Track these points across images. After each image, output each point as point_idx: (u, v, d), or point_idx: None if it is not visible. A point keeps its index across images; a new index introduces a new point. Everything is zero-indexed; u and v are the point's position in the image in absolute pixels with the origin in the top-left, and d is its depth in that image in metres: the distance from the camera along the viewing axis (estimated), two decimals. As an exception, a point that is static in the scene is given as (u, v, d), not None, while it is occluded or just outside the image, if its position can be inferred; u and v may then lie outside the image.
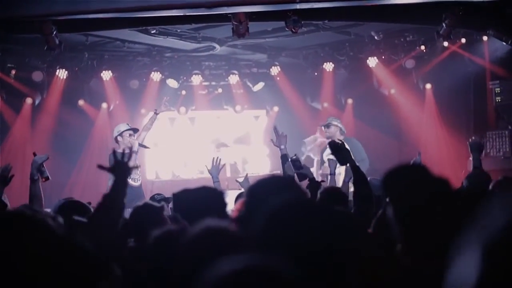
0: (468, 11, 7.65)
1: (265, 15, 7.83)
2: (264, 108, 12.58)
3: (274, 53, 11.26)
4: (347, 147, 4.16)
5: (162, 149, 11.95)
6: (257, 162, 12.22)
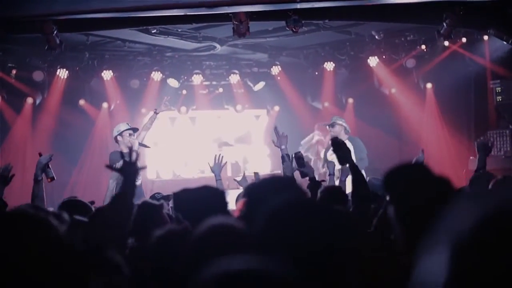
0: (469, 11, 7.65)
1: (266, 15, 7.82)
2: (265, 108, 12.58)
3: (275, 53, 11.26)
4: (349, 147, 4.14)
5: (163, 149, 11.94)
6: (258, 162, 12.21)
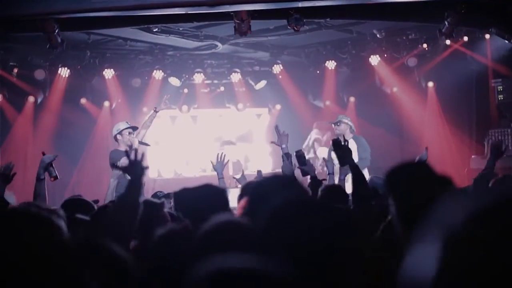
0: (471, 9, 7.65)
1: (267, 13, 7.82)
2: (266, 106, 12.59)
3: (276, 51, 11.25)
4: (350, 147, 4.13)
5: (164, 147, 11.95)
6: (259, 160, 12.21)
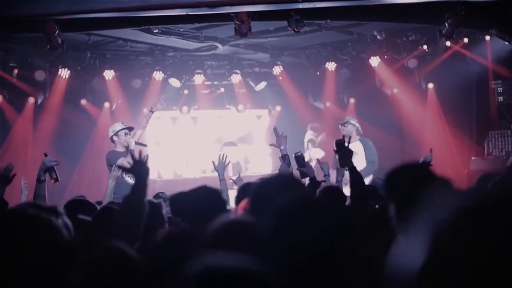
0: (471, 11, 7.64)
1: (268, 15, 7.82)
2: (266, 108, 12.58)
3: (277, 53, 11.25)
4: (351, 149, 4.14)
5: (164, 149, 11.94)
6: (259, 162, 12.21)
